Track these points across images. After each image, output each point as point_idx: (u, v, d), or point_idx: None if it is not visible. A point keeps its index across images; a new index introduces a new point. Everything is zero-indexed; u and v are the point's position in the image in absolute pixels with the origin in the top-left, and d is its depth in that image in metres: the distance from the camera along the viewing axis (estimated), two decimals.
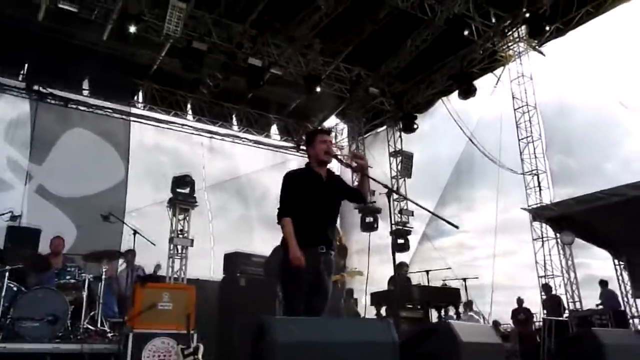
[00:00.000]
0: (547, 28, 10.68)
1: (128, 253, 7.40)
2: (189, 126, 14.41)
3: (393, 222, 13.09)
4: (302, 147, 16.02)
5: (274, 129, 15.85)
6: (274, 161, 16.22)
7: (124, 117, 13.17)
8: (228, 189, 15.07)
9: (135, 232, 6.98)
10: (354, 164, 4.39)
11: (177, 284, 8.30)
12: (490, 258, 13.49)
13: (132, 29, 9.80)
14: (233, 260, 7.73)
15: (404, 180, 13.56)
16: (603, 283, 10.75)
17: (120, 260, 7.98)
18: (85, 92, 12.91)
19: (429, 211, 4.17)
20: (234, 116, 15.06)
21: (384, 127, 14.98)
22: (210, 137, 14.78)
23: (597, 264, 12.29)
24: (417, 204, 4.34)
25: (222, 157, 15.27)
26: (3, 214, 7.63)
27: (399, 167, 13.37)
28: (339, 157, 4.24)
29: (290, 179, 4.47)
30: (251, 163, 15.67)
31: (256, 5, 11.34)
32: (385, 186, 4.32)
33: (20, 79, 12.01)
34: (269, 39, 11.64)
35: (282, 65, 11.73)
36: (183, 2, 9.99)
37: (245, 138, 15.31)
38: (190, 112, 14.44)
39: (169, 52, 12.42)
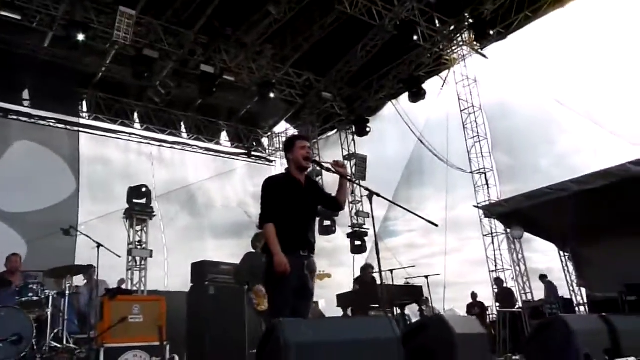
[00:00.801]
0: (491, 32, 11.25)
1: (89, 268, 7.21)
2: (136, 135, 14.11)
3: (351, 224, 13.36)
4: (252, 152, 16.06)
5: (224, 135, 15.78)
6: (223, 169, 16.16)
7: (67, 127, 12.73)
8: (178, 198, 14.87)
9: (99, 245, 6.83)
10: (334, 170, 4.52)
11: (146, 295, 8.14)
12: (437, 255, 14.03)
13: (81, 37, 9.54)
14: (200, 269, 7.68)
15: (359, 182, 13.83)
16: (543, 277, 11.43)
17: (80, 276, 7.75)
18: (26, 103, 12.42)
19: (409, 211, 4.36)
20: (182, 124, 14.87)
21: (335, 130, 15.25)
22: (159, 146, 14.52)
23: (537, 257, 13.05)
24: (399, 206, 4.53)
25: (171, 165, 15.05)
26: None
27: (354, 169, 13.64)
28: (320, 162, 4.36)
29: (270, 185, 4.54)
30: (201, 171, 15.54)
31: (204, 11, 11.33)
32: (367, 189, 4.49)
33: None
34: (220, 45, 11.62)
35: (235, 71, 11.74)
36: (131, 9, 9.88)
37: (195, 146, 15.15)
38: (137, 120, 14.15)
39: (114, 60, 12.19)
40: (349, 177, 4.45)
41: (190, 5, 11.14)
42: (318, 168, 4.85)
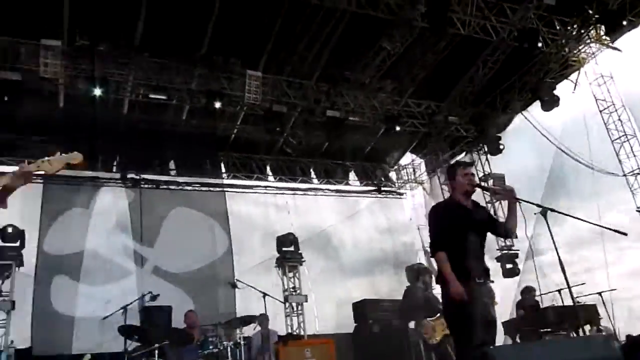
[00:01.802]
0: (623, 23, 10.53)
1: (262, 317, 7.63)
2: (271, 187, 14.92)
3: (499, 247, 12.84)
4: (382, 188, 16.18)
5: (352, 175, 16.13)
6: (354, 208, 16.41)
7: (211, 189, 13.79)
8: (315, 241, 15.29)
9: (264, 295, 7.23)
10: (500, 194, 4.46)
11: (315, 339, 8.43)
12: (593, 270, 12.93)
13: (217, 104, 10.47)
14: (362, 309, 7.80)
15: (500, 203, 13.35)
16: None
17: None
18: (173, 172, 13.71)
19: (592, 223, 4.15)
20: (312, 170, 15.49)
21: (463, 153, 14.93)
22: (293, 194, 15.19)
23: None
24: (579, 219, 4.33)
25: (306, 212, 15.58)
26: (144, 295, 8.14)
27: None
28: (488, 187, 4.32)
29: (439, 212, 4.55)
30: (333, 213, 15.91)
31: (319, 61, 11.90)
32: (539, 205, 4.36)
33: (114, 170, 12.93)
34: (341, 89, 12.06)
35: (358, 111, 12.08)
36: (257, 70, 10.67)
37: (326, 189, 15.63)
38: (270, 173, 14.98)
39: (243, 120, 13.15)
40: (518, 200, 4.35)
41: (306, 59, 11.77)
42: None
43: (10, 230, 9.73)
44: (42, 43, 9.34)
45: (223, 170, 14.31)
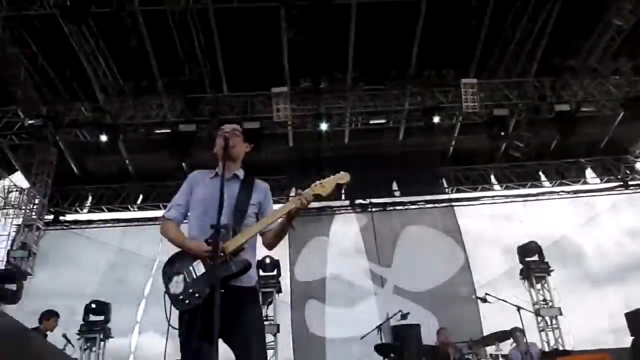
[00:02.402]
0: None
1: (517, 332, 7.23)
2: (499, 196, 14.23)
3: None
4: (629, 182, 14.25)
5: (589, 173, 14.56)
6: (594, 209, 14.70)
7: (435, 205, 13.69)
8: (554, 249, 14.03)
9: (519, 309, 6.82)
10: None
11: (590, 354, 7.68)
12: None
13: (436, 119, 10.49)
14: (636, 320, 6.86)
15: None
16: None
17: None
18: (397, 193, 14.00)
19: None
20: (541, 173, 14.40)
21: None
22: (524, 201, 14.26)
23: None
24: None
25: (539, 217, 14.47)
26: (395, 315, 8.50)
27: None
28: None
29: None
30: (571, 216, 14.46)
31: (534, 53, 11.09)
32: None
33: (342, 197, 13.68)
34: (567, 80, 11.07)
35: (591, 100, 10.92)
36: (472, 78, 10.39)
37: (561, 191, 14.34)
38: (495, 182, 14.32)
39: (460, 131, 12.86)
40: None
41: (519, 55, 11.07)
42: None
43: (268, 261, 10.82)
44: (273, 91, 10.48)
45: (445, 185, 14.14)
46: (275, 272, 11.03)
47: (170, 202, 3.16)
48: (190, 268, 2.78)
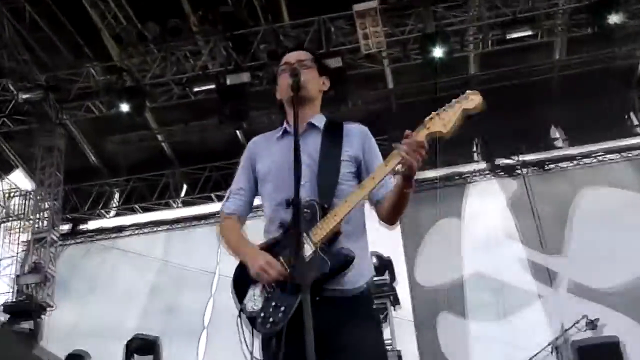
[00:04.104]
0: None
1: None
2: None
3: None
4: None
5: None
6: None
7: (628, 154, 12.98)
8: None
9: None
10: None
11: None
12: None
13: (614, 18, 10.07)
14: None
15: None
16: None
17: None
18: (559, 142, 13.66)
19: None
20: None
21: None
22: None
23: None
24: None
25: None
26: (575, 324, 8.73)
27: None
28: None
29: None
30: None
31: None
32: None
33: (476, 157, 13.56)
34: None
35: None
36: None
37: None
38: None
39: None
40: None
41: None
42: None
43: (374, 260, 10.46)
44: (356, 10, 10.34)
45: (636, 121, 13.42)
46: (386, 277, 10.68)
47: (228, 190, 3.16)
48: None
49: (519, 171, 12.98)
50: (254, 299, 2.75)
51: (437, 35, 10.73)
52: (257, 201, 3.10)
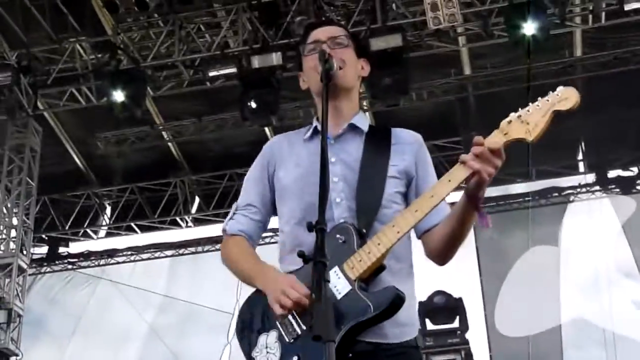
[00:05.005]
0: None
1: None
2: None
3: None
4: None
5: None
6: None
7: None
8: None
9: None
10: None
11: None
12: None
13: None
14: None
15: None
16: None
17: None
18: None
19: None
20: None
21: None
22: None
23: None
24: None
25: None
26: None
27: None
28: None
29: None
30: None
31: None
32: None
33: (581, 168, 13.58)
34: None
35: None
36: None
37: None
38: None
39: None
40: None
41: None
42: None
43: (438, 299, 10.24)
44: None
45: None
46: (456, 324, 10.40)
47: (233, 205, 3.16)
48: (290, 317, 2.66)
49: (638, 187, 12.86)
50: (266, 351, 2.71)
51: (530, 4, 10.31)
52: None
